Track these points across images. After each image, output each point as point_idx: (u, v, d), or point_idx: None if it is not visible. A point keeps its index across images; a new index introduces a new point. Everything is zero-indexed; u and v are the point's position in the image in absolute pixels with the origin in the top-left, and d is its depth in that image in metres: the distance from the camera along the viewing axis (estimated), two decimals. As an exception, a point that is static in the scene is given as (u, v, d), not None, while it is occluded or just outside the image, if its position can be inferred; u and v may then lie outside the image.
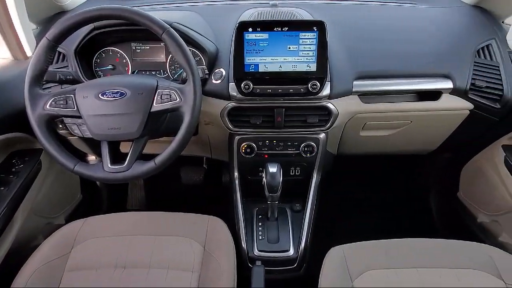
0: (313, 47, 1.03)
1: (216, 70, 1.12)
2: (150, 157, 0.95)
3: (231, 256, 1.01)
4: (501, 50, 1.19)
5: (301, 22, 1.13)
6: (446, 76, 1.13)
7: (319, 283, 0.94)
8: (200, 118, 1.18)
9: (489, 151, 1.29)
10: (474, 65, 1.14)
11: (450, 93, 1.14)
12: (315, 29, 1.02)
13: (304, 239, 1.19)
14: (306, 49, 1.04)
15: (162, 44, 1.19)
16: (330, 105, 1.11)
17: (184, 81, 0.95)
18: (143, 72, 1.23)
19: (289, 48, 1.04)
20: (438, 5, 1.37)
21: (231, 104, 1.12)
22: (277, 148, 1.21)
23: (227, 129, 1.18)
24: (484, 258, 0.95)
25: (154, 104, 0.92)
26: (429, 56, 1.17)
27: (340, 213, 1.77)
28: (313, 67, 1.05)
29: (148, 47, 1.20)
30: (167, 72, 1.22)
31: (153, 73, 1.23)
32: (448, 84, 1.12)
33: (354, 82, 1.12)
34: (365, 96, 1.15)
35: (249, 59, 1.05)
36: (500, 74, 1.14)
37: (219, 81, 1.11)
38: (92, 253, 0.98)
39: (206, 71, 1.07)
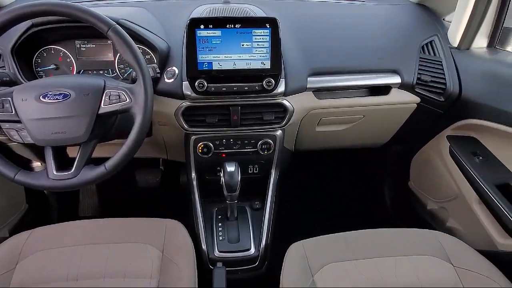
0: (267, 44, 1.03)
1: (168, 69, 1.08)
2: (101, 161, 0.90)
3: (191, 259, 0.98)
4: (443, 46, 1.26)
5: (253, 19, 1.12)
6: (395, 72, 1.18)
7: (280, 280, 0.94)
8: (153, 118, 1.14)
9: (436, 142, 1.37)
10: (420, 60, 1.20)
11: (398, 88, 1.19)
12: (268, 26, 1.01)
13: (265, 237, 1.19)
14: (259, 46, 1.03)
15: (109, 41, 1.13)
16: (285, 102, 1.12)
17: (134, 81, 0.91)
18: (90, 72, 1.16)
19: (243, 45, 1.03)
20: (385, 3, 1.42)
21: (186, 103, 1.09)
22: (234, 147, 1.20)
23: (182, 129, 1.14)
24: (434, 244, 1.00)
25: (102, 105, 0.88)
26: (378, 52, 1.21)
27: (298, 209, 1.79)
28: (267, 64, 1.05)
29: (94, 45, 1.14)
30: (116, 72, 1.16)
31: (101, 72, 1.16)
32: (397, 79, 1.17)
33: (308, 79, 1.13)
34: (319, 92, 1.17)
35: (202, 57, 1.03)
36: (443, 69, 1.21)
37: (171, 80, 1.07)
38: (40, 267, 0.91)
39: (158, 70, 1.03)
